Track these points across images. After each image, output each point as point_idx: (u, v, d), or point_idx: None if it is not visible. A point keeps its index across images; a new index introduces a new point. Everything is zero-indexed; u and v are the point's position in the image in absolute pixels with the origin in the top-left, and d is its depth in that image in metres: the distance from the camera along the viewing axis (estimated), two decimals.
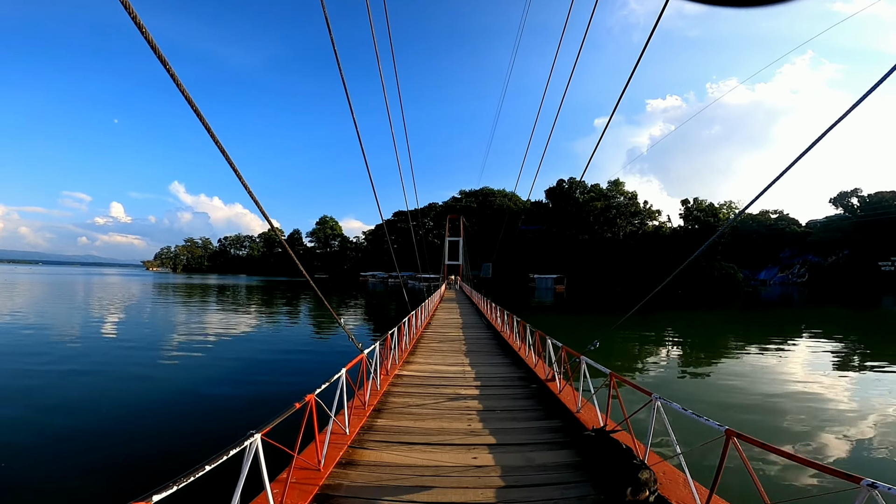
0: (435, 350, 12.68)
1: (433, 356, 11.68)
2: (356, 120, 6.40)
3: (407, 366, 10.35)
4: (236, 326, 26.50)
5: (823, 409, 11.28)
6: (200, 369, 15.04)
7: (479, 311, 26.24)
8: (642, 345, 21.97)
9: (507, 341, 13.48)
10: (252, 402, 11.26)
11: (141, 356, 16.86)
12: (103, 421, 9.65)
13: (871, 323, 36.59)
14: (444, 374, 9.66)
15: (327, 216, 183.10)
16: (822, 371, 16.18)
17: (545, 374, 8.98)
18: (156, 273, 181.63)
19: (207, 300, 47.06)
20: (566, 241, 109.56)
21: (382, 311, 41.59)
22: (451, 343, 14.03)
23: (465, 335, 15.95)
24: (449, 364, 10.75)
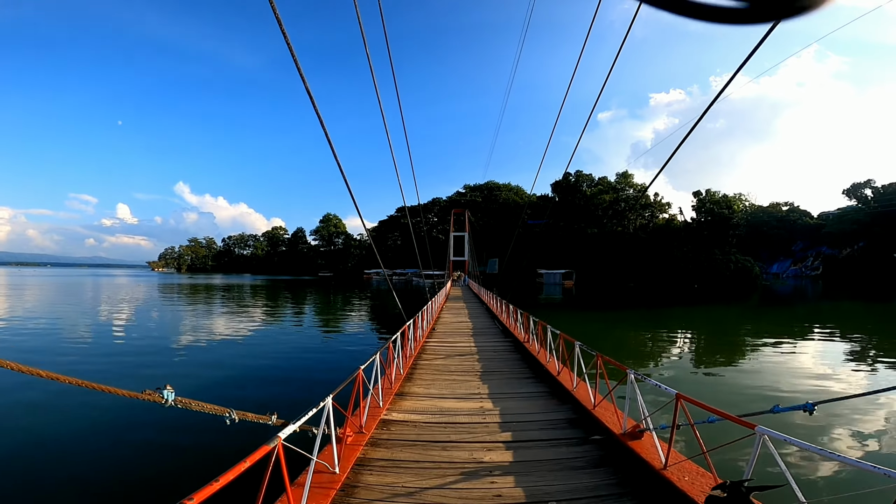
0: (439, 372, 9.75)
1: (436, 383, 8.79)
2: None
3: (399, 402, 7.47)
4: (234, 327, 25.07)
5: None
6: (196, 375, 14.41)
7: (490, 312, 23.39)
8: (664, 343, 20.22)
9: (535, 357, 10.50)
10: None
11: (140, 358, 16.75)
12: (104, 424, 9.59)
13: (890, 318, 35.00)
14: (451, 416, 6.75)
15: (331, 214, 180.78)
16: (847, 368, 15.55)
17: (593, 403, 6.22)
18: (160, 273, 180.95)
19: (211, 300, 44.88)
20: (574, 236, 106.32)
21: (388, 309, 40.45)
22: (461, 360, 11.08)
23: (477, 346, 13.02)
24: (459, 397, 7.80)
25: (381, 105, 8.16)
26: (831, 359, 17.20)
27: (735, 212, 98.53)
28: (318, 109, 4.99)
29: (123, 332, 23.03)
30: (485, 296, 32.87)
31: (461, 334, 15.57)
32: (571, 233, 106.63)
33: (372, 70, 7.14)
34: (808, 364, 16.13)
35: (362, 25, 6.09)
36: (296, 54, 4.36)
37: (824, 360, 17.00)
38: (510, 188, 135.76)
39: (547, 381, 8.83)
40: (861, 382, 13.53)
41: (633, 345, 20.79)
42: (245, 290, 63.38)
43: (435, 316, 19.97)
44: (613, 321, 30.88)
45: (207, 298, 47.26)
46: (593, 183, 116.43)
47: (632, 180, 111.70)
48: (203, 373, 14.40)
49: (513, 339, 13.95)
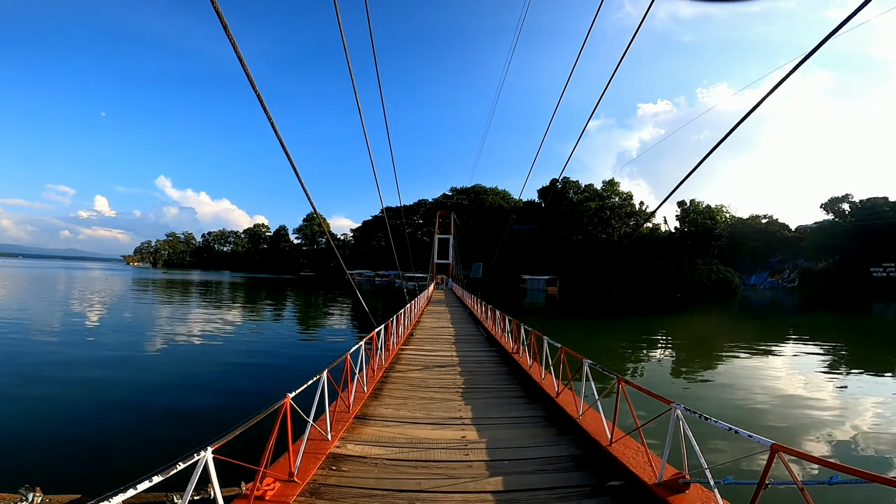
0: (414, 388, 8.24)
1: (409, 402, 7.29)
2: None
3: (359, 428, 5.90)
4: (183, 328, 22.75)
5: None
6: (157, 374, 13.67)
7: (474, 317, 22.03)
8: (660, 354, 19.30)
9: (526, 372, 9.01)
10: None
11: (87, 354, 15.92)
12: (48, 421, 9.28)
13: (867, 328, 36.58)
14: (426, 450, 5.26)
15: (314, 213, 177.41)
16: (829, 378, 15.98)
17: (608, 437, 4.81)
18: (135, 268, 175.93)
19: (169, 296, 42.36)
20: (559, 242, 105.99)
21: (371, 308, 38.31)
22: (441, 373, 9.61)
23: (459, 356, 11.59)
24: (436, 423, 6.28)
25: (360, 108, 7.84)
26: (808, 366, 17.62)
27: (718, 223, 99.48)
28: (265, 105, 4.61)
29: (65, 329, 21.20)
30: (468, 300, 31.47)
31: (442, 341, 14.14)
32: (557, 239, 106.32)
33: (351, 73, 6.91)
34: (785, 372, 16.60)
35: (342, 27, 5.85)
36: (242, 55, 4.13)
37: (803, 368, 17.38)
38: (497, 192, 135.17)
39: (542, 403, 7.44)
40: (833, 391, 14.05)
41: (627, 354, 19.71)
42: (219, 288, 60.78)
43: (415, 320, 18.52)
44: (598, 329, 29.88)
45: (165, 294, 44.89)
46: (580, 190, 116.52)
47: (618, 188, 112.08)
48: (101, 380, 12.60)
49: (499, 349, 12.60)
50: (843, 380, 15.69)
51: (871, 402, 12.47)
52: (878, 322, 43.78)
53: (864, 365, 18.57)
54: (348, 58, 6.28)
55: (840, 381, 15.49)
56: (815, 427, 10.32)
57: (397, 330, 12.36)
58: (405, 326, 14.48)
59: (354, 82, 7.09)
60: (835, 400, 12.88)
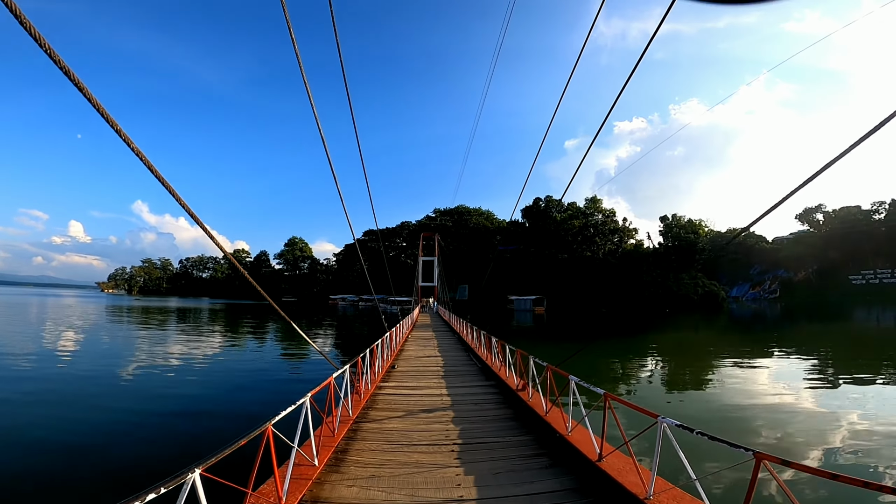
0: (391, 447, 6.38)
1: (385, 470, 5.48)
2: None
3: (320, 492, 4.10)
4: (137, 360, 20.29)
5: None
6: (131, 401, 13.41)
7: (463, 343, 20.34)
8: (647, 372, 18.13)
9: (543, 420, 7.10)
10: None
11: (58, 382, 15.71)
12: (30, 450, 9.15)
13: (853, 336, 37.13)
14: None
15: (296, 237, 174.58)
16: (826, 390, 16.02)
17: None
18: (109, 295, 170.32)
19: (148, 324, 39.52)
20: (545, 261, 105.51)
21: (353, 335, 39.37)
22: (428, 422, 7.61)
23: (451, 395, 9.76)
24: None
25: (322, 131, 7.28)
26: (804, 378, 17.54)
27: (700, 236, 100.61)
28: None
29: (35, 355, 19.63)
30: (456, 324, 29.78)
31: (429, 375, 12.31)
32: (542, 258, 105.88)
33: (311, 97, 6.48)
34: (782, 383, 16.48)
35: (298, 50, 5.63)
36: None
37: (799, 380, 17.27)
38: (480, 213, 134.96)
39: (571, 466, 5.58)
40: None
41: (628, 375, 18.34)
42: (196, 315, 57.64)
43: (397, 348, 16.87)
44: (592, 349, 28.54)
45: (137, 322, 41.99)
46: (563, 209, 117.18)
47: (600, 205, 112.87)
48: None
49: (497, 383, 10.91)
50: (846, 389, 15.82)
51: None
52: (862, 329, 44.72)
53: (865, 371, 19.02)
54: (306, 82, 6.00)
55: (842, 390, 15.70)
56: (810, 435, 10.53)
57: (373, 365, 10.62)
58: (385, 358, 12.72)
59: (314, 105, 6.48)
60: (836, 409, 12.88)
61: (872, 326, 48.06)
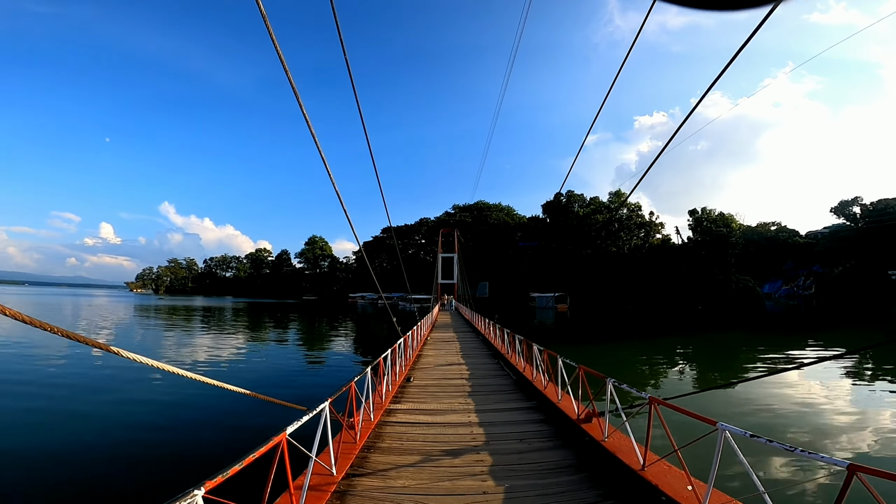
0: (410, 480, 5.04)
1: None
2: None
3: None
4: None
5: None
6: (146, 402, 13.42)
7: (490, 346, 18.88)
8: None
9: (640, 476, 4.93)
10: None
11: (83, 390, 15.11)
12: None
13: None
14: None
15: (316, 236, 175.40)
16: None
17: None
18: (137, 294, 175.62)
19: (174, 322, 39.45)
20: (567, 257, 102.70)
21: (372, 334, 38.88)
22: (456, 475, 5.51)
23: (483, 427, 7.44)
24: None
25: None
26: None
27: (733, 230, 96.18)
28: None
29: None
30: (479, 323, 28.07)
31: (452, 390, 10.42)
32: (564, 254, 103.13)
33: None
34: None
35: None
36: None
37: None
38: (501, 208, 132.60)
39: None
40: None
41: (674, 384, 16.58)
42: (220, 314, 57.74)
43: (414, 354, 15.51)
44: (621, 350, 26.65)
45: (164, 320, 41.88)
46: (585, 203, 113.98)
47: (625, 199, 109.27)
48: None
49: (540, 404, 8.89)
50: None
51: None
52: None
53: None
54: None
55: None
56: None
57: (381, 383, 8.89)
58: (397, 370, 11.17)
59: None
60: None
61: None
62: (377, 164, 8.98)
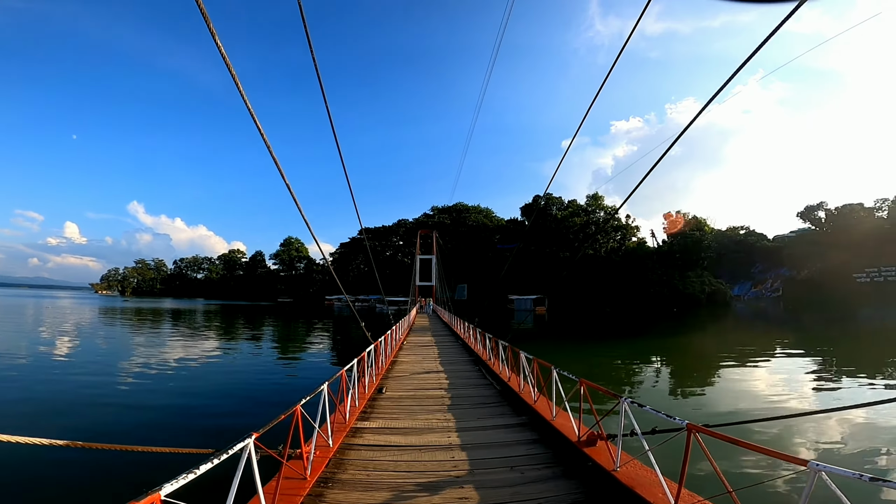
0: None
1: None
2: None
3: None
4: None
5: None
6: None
7: (470, 351, 17.88)
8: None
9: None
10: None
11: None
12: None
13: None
14: None
15: (292, 238, 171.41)
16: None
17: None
18: (102, 296, 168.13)
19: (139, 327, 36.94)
20: (546, 260, 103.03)
21: (349, 337, 38.21)
22: (432, 487, 4.99)
23: (469, 452, 6.30)
24: None
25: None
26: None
27: (707, 233, 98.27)
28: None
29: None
30: (458, 327, 27.23)
31: (430, 403, 9.32)
32: (543, 257, 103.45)
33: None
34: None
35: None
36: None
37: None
38: (479, 210, 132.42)
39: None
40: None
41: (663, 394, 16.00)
42: (181, 317, 54.92)
43: (389, 359, 14.47)
44: (600, 353, 26.20)
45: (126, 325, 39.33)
46: (563, 206, 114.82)
47: (602, 202, 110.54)
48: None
49: (532, 419, 7.86)
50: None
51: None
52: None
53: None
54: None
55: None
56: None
57: (346, 398, 7.59)
58: (367, 380, 10.03)
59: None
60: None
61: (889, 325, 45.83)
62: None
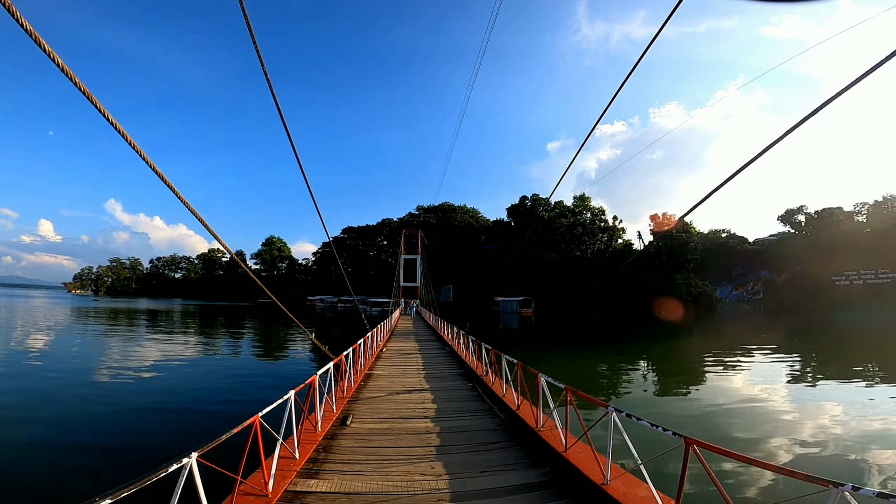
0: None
1: None
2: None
3: None
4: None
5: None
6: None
7: (459, 360, 16.17)
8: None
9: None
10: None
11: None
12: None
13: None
14: None
15: (274, 237, 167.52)
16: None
17: None
18: (75, 296, 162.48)
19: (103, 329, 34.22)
20: (532, 261, 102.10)
21: (332, 337, 37.32)
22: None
23: (445, 466, 5.01)
24: None
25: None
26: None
27: (693, 235, 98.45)
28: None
29: None
30: (445, 331, 25.37)
31: (408, 449, 6.71)
32: (529, 258, 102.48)
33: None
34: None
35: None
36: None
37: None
38: (466, 210, 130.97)
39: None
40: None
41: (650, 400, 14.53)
42: (152, 318, 51.89)
43: (361, 374, 12.67)
44: (592, 359, 24.81)
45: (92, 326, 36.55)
46: (550, 207, 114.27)
47: (589, 203, 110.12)
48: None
49: (559, 475, 5.56)
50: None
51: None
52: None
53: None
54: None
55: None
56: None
57: (272, 458, 5.17)
58: (319, 416, 7.51)
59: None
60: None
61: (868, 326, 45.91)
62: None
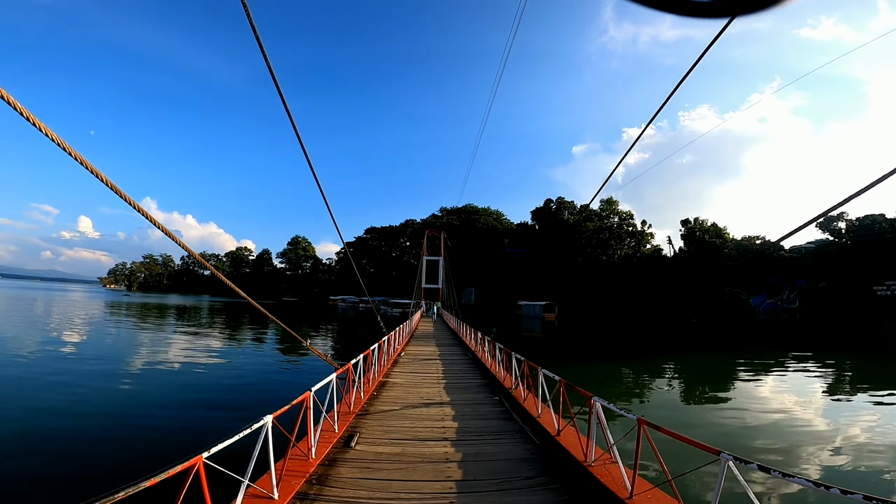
0: None
1: None
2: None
3: None
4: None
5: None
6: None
7: (484, 370, 14.92)
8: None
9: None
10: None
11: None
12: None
13: None
14: None
15: (300, 237, 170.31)
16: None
17: None
18: (109, 291, 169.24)
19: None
20: (556, 265, 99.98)
21: (351, 340, 37.11)
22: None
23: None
24: None
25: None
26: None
27: (726, 241, 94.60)
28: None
29: None
30: (467, 336, 24.36)
31: (426, 488, 5.40)
32: (553, 262, 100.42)
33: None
34: None
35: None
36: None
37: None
38: (490, 213, 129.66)
39: None
40: None
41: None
42: (181, 314, 52.74)
43: (375, 381, 11.87)
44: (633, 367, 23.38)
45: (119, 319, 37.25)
46: (575, 210, 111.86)
47: (616, 207, 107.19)
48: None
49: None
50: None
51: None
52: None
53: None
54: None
55: None
56: None
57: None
58: (314, 439, 6.14)
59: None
60: None
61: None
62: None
